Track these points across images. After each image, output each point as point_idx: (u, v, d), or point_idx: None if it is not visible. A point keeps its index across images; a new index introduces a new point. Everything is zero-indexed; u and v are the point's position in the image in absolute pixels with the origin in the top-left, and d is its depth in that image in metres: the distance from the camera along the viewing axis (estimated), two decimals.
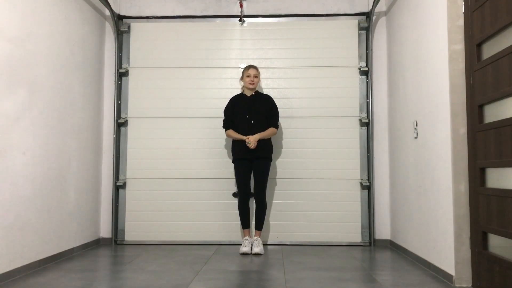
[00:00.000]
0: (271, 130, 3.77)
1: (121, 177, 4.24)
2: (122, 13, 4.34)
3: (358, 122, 4.19)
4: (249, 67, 3.81)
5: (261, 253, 3.63)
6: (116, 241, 4.18)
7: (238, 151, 3.74)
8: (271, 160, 3.83)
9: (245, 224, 3.79)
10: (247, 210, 3.80)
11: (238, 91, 4.01)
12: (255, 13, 4.32)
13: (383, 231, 4.11)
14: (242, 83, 3.88)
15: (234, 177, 4.07)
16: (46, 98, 3.24)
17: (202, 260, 3.39)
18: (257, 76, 3.80)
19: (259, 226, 3.78)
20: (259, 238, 3.73)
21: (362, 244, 4.08)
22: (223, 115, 4.11)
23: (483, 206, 2.49)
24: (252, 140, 3.62)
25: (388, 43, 4.16)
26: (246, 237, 3.73)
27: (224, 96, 4.23)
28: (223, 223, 4.16)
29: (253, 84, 3.77)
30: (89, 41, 3.98)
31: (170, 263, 3.28)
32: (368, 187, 4.13)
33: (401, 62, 3.72)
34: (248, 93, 3.83)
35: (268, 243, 4.11)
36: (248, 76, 3.77)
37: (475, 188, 2.58)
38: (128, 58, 4.32)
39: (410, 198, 3.48)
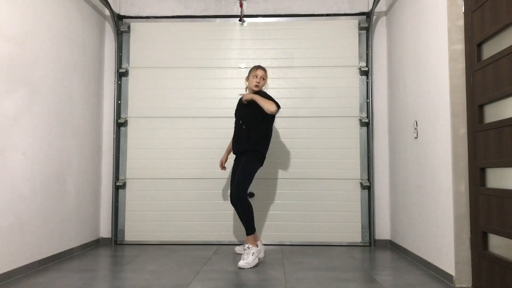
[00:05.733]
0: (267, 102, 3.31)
1: (121, 177, 4.24)
2: (122, 13, 4.34)
3: (358, 122, 4.19)
4: (258, 67, 3.52)
5: (244, 267, 3.09)
6: (116, 241, 4.18)
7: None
8: (253, 155, 3.39)
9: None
10: (239, 213, 3.47)
11: (238, 91, 4.01)
12: (255, 13, 4.32)
13: (383, 231, 4.11)
14: (247, 83, 3.57)
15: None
16: (46, 98, 3.24)
17: (202, 260, 3.39)
18: (264, 78, 3.49)
19: (245, 227, 3.32)
20: (248, 248, 3.23)
21: (362, 244, 4.08)
22: (222, 115, 4.13)
23: (483, 206, 2.49)
24: (246, 98, 3.38)
25: (388, 43, 4.16)
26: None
27: (224, 96, 4.24)
28: (223, 223, 4.16)
29: (259, 86, 3.47)
30: (89, 41, 3.98)
31: (170, 263, 3.28)
32: (368, 187, 4.13)
33: (401, 62, 3.72)
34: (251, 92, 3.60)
35: (268, 243, 4.11)
36: (255, 77, 3.46)
37: (475, 188, 2.58)
38: (128, 58, 4.32)
39: (410, 198, 3.48)
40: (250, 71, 3.54)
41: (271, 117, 3.47)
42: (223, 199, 4.18)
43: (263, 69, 3.53)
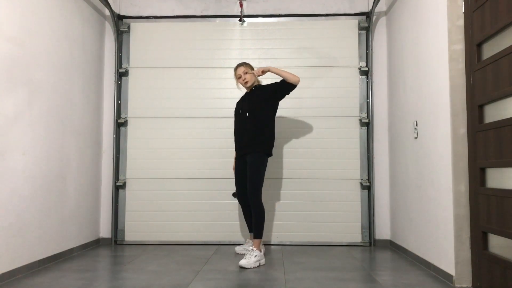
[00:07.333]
0: (286, 73, 3.34)
1: (121, 177, 4.24)
2: (122, 13, 4.34)
3: (358, 122, 4.19)
4: (236, 67, 3.53)
5: (245, 267, 3.10)
6: (116, 241, 4.18)
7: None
8: (261, 153, 3.36)
9: (248, 227, 3.66)
10: (245, 211, 3.58)
11: (238, 91, 4.00)
12: (255, 13, 4.32)
13: (383, 231, 4.11)
14: (240, 88, 3.64)
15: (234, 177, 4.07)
16: (46, 98, 3.24)
17: (202, 260, 3.39)
18: (247, 72, 3.45)
19: (254, 231, 3.34)
20: (252, 250, 3.22)
21: (362, 244, 4.08)
22: (223, 115, 4.13)
23: (483, 206, 2.49)
24: (262, 70, 3.36)
25: (388, 43, 4.16)
26: (248, 239, 3.72)
27: (224, 96, 4.24)
28: (223, 223, 4.16)
29: (246, 81, 3.44)
30: (89, 41, 3.98)
31: (170, 263, 3.28)
32: (368, 187, 4.13)
33: (401, 62, 3.72)
34: (249, 90, 3.58)
35: (268, 243, 4.11)
36: (239, 77, 3.48)
37: (475, 188, 2.58)
38: (128, 58, 4.32)
39: (410, 198, 3.48)
40: (234, 76, 3.58)
41: (277, 104, 3.47)
42: (223, 199, 4.18)
43: (241, 64, 3.51)
